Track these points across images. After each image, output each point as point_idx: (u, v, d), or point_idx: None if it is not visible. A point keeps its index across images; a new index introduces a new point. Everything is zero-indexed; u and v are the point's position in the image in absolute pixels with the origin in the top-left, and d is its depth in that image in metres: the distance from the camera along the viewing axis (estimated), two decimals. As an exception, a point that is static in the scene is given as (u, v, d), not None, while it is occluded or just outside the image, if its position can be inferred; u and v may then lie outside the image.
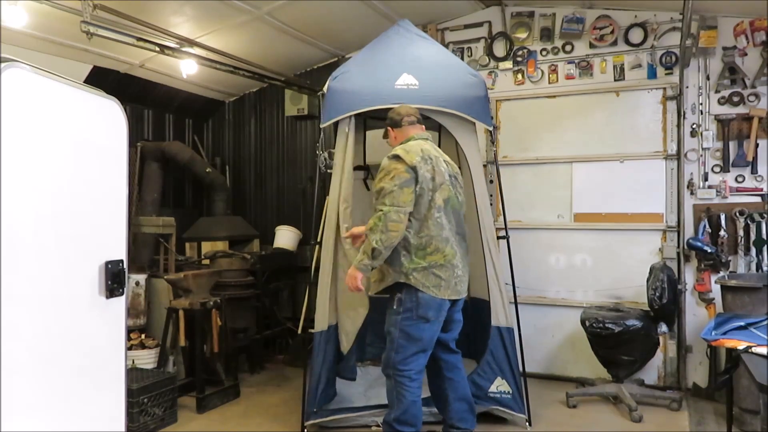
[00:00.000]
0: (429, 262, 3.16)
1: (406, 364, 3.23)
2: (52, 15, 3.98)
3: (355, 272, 3.12)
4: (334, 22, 5.06)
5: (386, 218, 3.02)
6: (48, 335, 2.01)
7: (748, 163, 4.46)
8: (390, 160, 3.18)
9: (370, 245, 3.04)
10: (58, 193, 2.06)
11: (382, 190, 3.10)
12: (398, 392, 3.25)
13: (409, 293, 3.17)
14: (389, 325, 3.27)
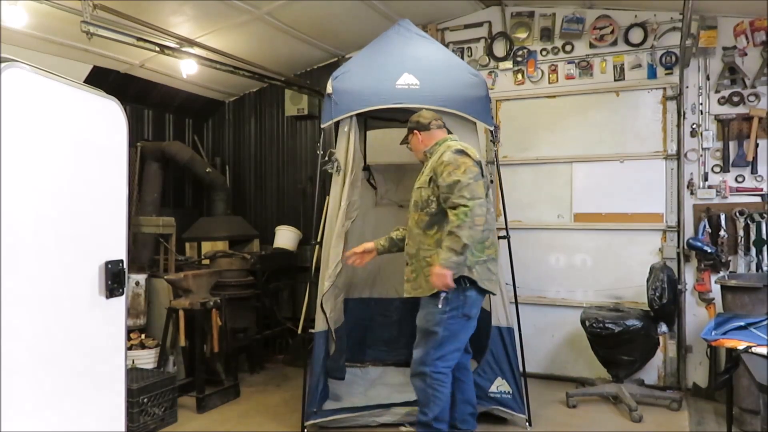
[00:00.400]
0: (487, 256, 3.22)
1: (445, 360, 3.21)
2: (52, 15, 3.98)
3: (445, 270, 2.99)
4: (334, 22, 5.06)
5: (472, 213, 2.97)
6: (48, 335, 2.01)
7: (748, 163, 4.46)
8: (455, 155, 3.13)
9: (460, 242, 2.96)
10: (58, 193, 2.06)
11: (458, 183, 3.02)
12: (434, 390, 3.20)
13: (456, 291, 3.12)
14: (431, 324, 3.17)
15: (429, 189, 3.19)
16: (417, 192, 3.29)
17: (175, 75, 5.29)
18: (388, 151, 5.03)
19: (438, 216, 3.16)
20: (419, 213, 3.24)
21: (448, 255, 2.99)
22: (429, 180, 3.20)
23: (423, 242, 3.21)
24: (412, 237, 3.30)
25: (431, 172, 3.20)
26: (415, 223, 3.26)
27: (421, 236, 3.22)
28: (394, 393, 4.18)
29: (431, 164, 3.24)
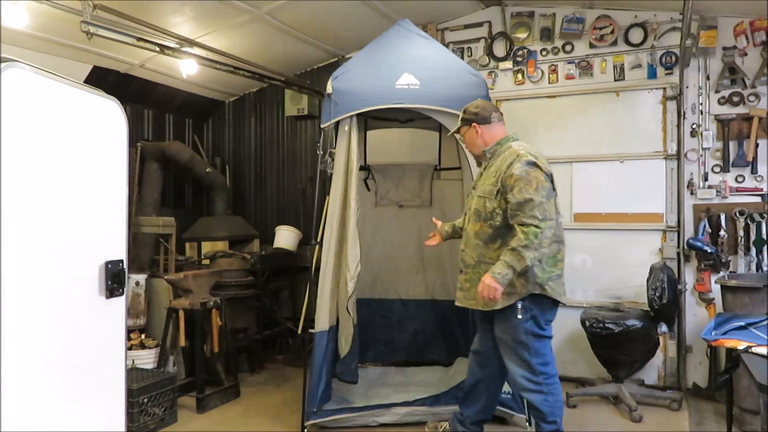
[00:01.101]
0: (560, 269, 3.11)
1: (548, 364, 3.09)
2: (52, 15, 3.98)
3: (497, 284, 2.82)
4: (334, 22, 5.06)
5: (542, 236, 2.82)
6: (48, 335, 2.01)
7: (748, 163, 4.46)
8: (527, 168, 2.90)
9: (523, 262, 2.81)
10: (58, 193, 2.06)
11: (530, 202, 2.83)
12: (554, 396, 3.09)
13: (533, 298, 2.99)
14: (518, 335, 3.00)
15: (495, 201, 2.95)
16: (479, 201, 3.03)
17: (175, 75, 5.29)
18: (388, 151, 5.03)
19: (502, 230, 2.95)
20: (481, 224, 3.01)
21: (505, 270, 2.82)
22: (496, 192, 2.96)
23: (484, 255, 3.00)
24: (469, 246, 3.09)
25: (498, 182, 2.95)
26: (476, 234, 3.03)
27: (483, 248, 3.02)
28: (394, 393, 4.18)
29: (496, 172, 2.98)
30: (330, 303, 3.88)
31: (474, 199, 3.09)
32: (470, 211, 3.11)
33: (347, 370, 3.89)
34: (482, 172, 3.14)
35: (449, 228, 3.47)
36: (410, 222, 5.05)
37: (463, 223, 3.29)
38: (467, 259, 3.11)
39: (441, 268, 4.96)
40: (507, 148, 3.05)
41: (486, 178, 3.06)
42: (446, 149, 4.85)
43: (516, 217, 2.87)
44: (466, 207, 3.21)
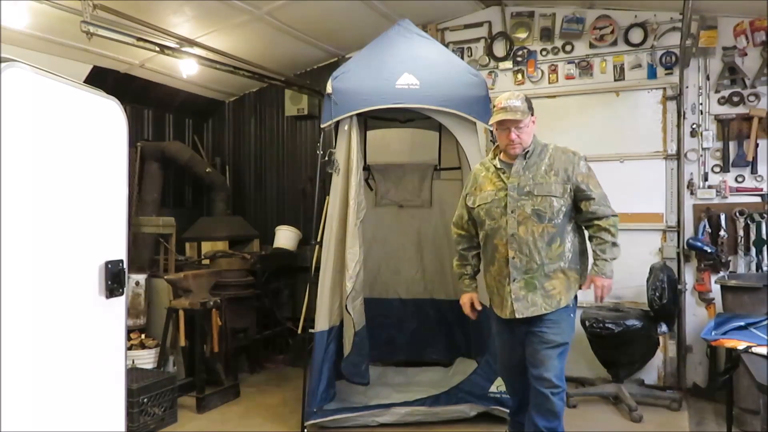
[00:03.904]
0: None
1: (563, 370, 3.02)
2: (52, 15, 3.98)
3: (609, 280, 2.86)
4: (334, 22, 5.05)
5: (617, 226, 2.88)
6: (48, 335, 2.01)
7: (748, 163, 4.46)
8: (583, 161, 2.92)
9: (618, 253, 2.87)
10: (58, 193, 2.06)
11: (606, 197, 2.89)
12: (562, 402, 3.05)
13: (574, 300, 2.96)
14: (566, 336, 2.92)
15: (563, 199, 2.83)
16: (543, 201, 2.81)
17: (175, 75, 5.29)
18: (388, 151, 5.03)
19: (560, 228, 2.84)
20: (545, 225, 2.81)
21: (610, 266, 2.85)
22: (568, 190, 2.85)
23: (546, 256, 2.81)
24: (529, 249, 2.81)
25: (568, 180, 2.84)
26: (538, 236, 2.80)
27: (545, 250, 2.81)
28: (394, 393, 4.18)
29: (552, 170, 2.85)
30: (330, 303, 3.88)
31: (534, 200, 2.81)
32: (526, 214, 2.80)
33: (357, 372, 3.87)
34: (521, 171, 2.87)
35: (471, 280, 3.17)
36: (410, 222, 5.05)
37: (471, 263, 3.14)
38: (528, 264, 2.81)
39: (441, 267, 4.96)
40: (543, 145, 2.95)
41: (538, 177, 2.84)
42: (446, 149, 4.85)
43: (599, 209, 2.85)
44: (494, 212, 2.88)
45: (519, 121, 2.83)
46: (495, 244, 2.88)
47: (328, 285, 3.87)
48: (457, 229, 3.15)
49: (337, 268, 3.93)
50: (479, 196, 2.96)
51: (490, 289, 3.00)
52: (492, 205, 2.89)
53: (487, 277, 3.02)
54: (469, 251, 3.12)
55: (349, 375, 3.86)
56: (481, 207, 2.94)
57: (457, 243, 3.15)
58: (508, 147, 2.89)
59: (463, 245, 3.13)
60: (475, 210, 2.97)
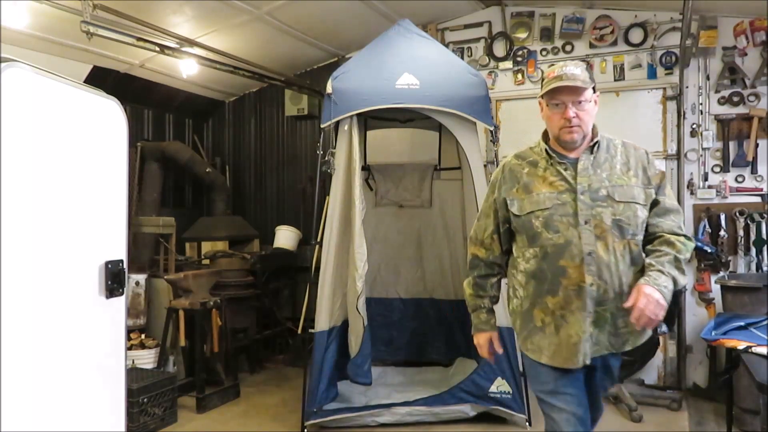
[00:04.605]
0: None
1: None
2: (52, 15, 3.98)
3: (664, 300, 2.05)
4: (334, 22, 5.05)
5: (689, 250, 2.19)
6: (48, 335, 2.01)
7: (748, 163, 4.46)
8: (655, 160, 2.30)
9: (684, 278, 2.18)
10: (58, 193, 2.06)
11: (678, 211, 2.26)
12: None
13: None
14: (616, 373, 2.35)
15: (646, 209, 2.16)
16: (627, 210, 2.11)
17: (175, 75, 5.28)
18: (388, 151, 5.03)
19: (641, 246, 2.17)
20: (627, 240, 2.11)
21: (670, 284, 2.08)
22: (646, 197, 2.17)
23: (626, 284, 2.11)
24: (604, 275, 2.08)
25: (645, 184, 2.18)
26: (620, 255, 2.10)
27: (626, 273, 2.12)
28: (394, 393, 4.18)
29: (627, 168, 2.20)
30: (330, 303, 3.89)
31: (600, 206, 2.10)
32: (597, 225, 2.08)
33: (360, 372, 3.86)
34: (591, 168, 2.17)
35: (489, 314, 2.39)
36: (410, 222, 5.05)
37: (489, 293, 2.37)
38: (605, 293, 2.09)
39: (441, 267, 4.96)
40: (608, 138, 2.35)
41: (614, 177, 2.16)
42: (446, 149, 4.85)
43: (671, 223, 2.19)
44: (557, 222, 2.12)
45: (580, 92, 2.14)
46: (561, 267, 2.09)
47: (328, 285, 3.87)
48: (476, 248, 2.34)
49: (338, 269, 3.93)
50: (529, 199, 2.17)
51: (537, 328, 2.19)
52: (554, 212, 2.11)
53: (534, 312, 2.19)
54: (489, 279, 2.34)
55: (354, 375, 3.86)
56: (536, 215, 2.14)
57: (473, 267, 2.35)
58: (562, 131, 2.16)
59: (480, 271, 2.34)
60: (523, 219, 2.16)
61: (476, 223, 2.38)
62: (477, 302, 2.37)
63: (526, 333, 2.24)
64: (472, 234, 2.38)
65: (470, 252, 2.38)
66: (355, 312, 3.78)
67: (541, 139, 2.28)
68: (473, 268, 2.36)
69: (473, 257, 2.36)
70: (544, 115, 2.22)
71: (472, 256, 2.36)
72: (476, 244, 2.35)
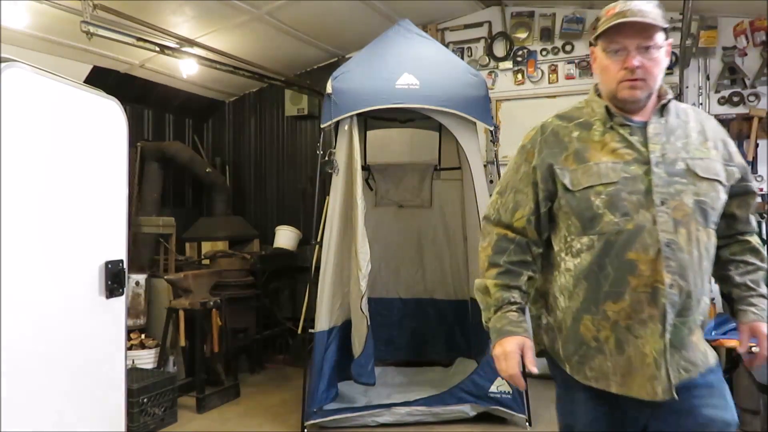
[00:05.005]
0: None
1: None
2: (52, 15, 3.98)
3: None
4: (334, 22, 5.05)
5: None
6: (48, 335, 2.01)
7: (749, 163, 4.46)
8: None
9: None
10: (58, 193, 2.06)
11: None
12: None
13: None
14: (733, 410, 1.66)
15: (726, 190, 1.66)
16: (710, 189, 1.60)
17: (175, 75, 5.29)
18: (388, 151, 5.03)
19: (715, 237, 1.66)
20: (706, 229, 1.61)
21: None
22: (728, 176, 1.67)
23: (705, 282, 1.63)
24: (687, 273, 1.56)
25: (726, 159, 1.68)
26: (705, 249, 1.60)
27: (708, 272, 1.64)
28: (394, 393, 4.18)
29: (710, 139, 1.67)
30: (330, 303, 3.89)
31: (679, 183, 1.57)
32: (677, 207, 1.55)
33: (364, 372, 3.85)
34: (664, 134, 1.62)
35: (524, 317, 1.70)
36: (410, 222, 5.05)
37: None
38: (687, 298, 1.57)
39: (441, 267, 4.96)
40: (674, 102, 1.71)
41: (691, 148, 1.62)
42: (446, 149, 4.85)
43: (751, 218, 1.79)
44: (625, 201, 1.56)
45: (649, 34, 1.57)
46: (629, 262, 1.54)
47: (329, 285, 3.87)
48: (503, 230, 1.73)
49: (338, 268, 3.94)
50: (584, 170, 1.61)
51: (592, 348, 1.62)
52: (621, 187, 1.56)
53: (584, 326, 1.62)
54: (523, 268, 1.69)
55: (357, 375, 3.86)
56: (596, 191, 1.58)
57: (500, 251, 1.70)
58: (622, 86, 1.59)
59: (512, 256, 1.69)
60: (578, 196, 1.60)
61: (496, 198, 1.77)
62: (504, 295, 1.66)
63: (578, 357, 1.64)
64: (491, 212, 1.77)
65: (496, 232, 1.73)
66: (359, 312, 3.78)
67: (593, 94, 1.73)
68: (500, 252, 1.69)
69: (500, 237, 1.71)
70: (597, 66, 1.68)
71: (498, 236, 1.71)
72: (500, 225, 1.73)
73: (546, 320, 1.75)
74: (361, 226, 3.76)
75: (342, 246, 3.93)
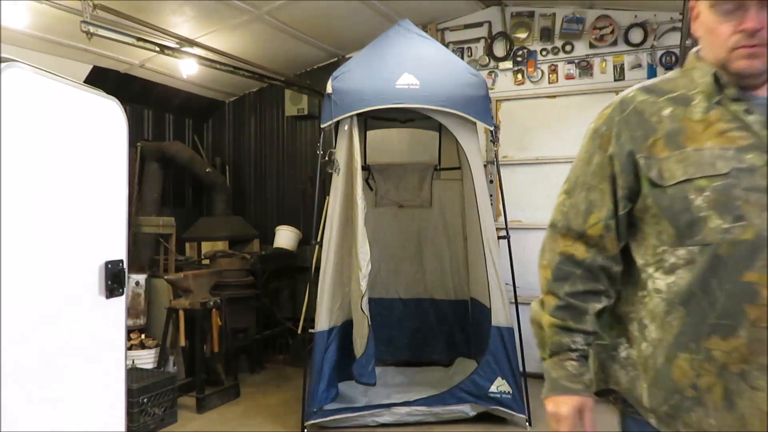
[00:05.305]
0: None
1: None
2: (52, 15, 3.98)
3: None
4: (334, 22, 5.05)
5: None
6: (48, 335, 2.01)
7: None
8: None
9: None
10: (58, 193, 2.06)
11: None
12: None
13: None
14: None
15: None
16: None
17: (175, 75, 5.29)
18: (388, 151, 5.04)
19: None
20: None
21: None
22: None
23: None
24: None
25: None
26: None
27: None
28: (394, 393, 4.18)
29: None
30: (330, 303, 3.89)
31: None
32: None
33: (365, 372, 3.85)
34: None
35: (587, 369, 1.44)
36: (410, 222, 5.05)
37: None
38: None
39: (440, 267, 4.96)
40: None
41: None
42: (446, 149, 4.86)
43: None
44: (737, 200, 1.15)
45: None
46: (747, 284, 1.14)
47: (328, 285, 3.87)
48: (569, 243, 1.35)
49: (338, 268, 3.94)
50: (680, 158, 1.21)
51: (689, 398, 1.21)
52: (732, 183, 1.16)
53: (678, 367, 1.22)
54: (591, 300, 1.34)
55: (359, 375, 3.86)
56: (697, 186, 1.19)
57: (562, 277, 1.35)
58: (736, 54, 1.19)
59: (577, 284, 1.33)
60: (671, 193, 1.21)
61: (563, 199, 1.37)
62: (563, 340, 1.33)
63: (668, 407, 1.24)
64: (557, 218, 1.37)
65: (555, 249, 1.36)
66: (360, 312, 3.78)
67: (695, 60, 1.30)
68: (561, 279, 1.33)
69: (563, 258, 1.34)
70: (700, 28, 1.27)
71: (562, 256, 1.34)
72: (568, 236, 1.34)
73: (626, 353, 1.35)
74: (361, 226, 3.76)
75: (342, 246, 3.94)
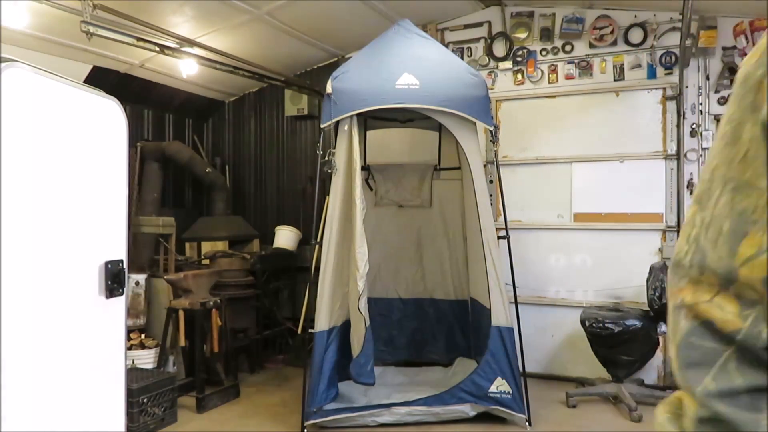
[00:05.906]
0: None
1: None
2: (52, 15, 3.98)
3: None
4: (334, 22, 5.06)
5: None
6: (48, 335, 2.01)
7: (748, 163, 4.46)
8: None
9: None
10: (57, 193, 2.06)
11: None
12: None
13: None
14: None
15: None
16: None
17: (175, 75, 5.29)
18: (388, 151, 5.04)
19: None
20: None
21: None
22: None
23: None
24: None
25: None
26: None
27: None
28: (394, 393, 4.18)
29: None
30: (330, 303, 3.89)
31: None
32: None
33: (363, 372, 3.85)
34: None
35: None
36: (410, 222, 5.05)
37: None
38: None
39: (441, 267, 4.96)
40: None
41: None
42: (446, 149, 4.86)
43: None
44: None
45: None
46: None
47: (328, 285, 3.87)
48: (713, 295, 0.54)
49: (337, 268, 3.94)
50: None
51: None
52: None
53: None
54: (751, 410, 0.50)
55: (357, 375, 3.86)
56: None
57: (695, 363, 0.54)
58: None
59: (723, 377, 0.52)
60: None
61: (693, 213, 0.59)
62: None
63: None
64: (682, 250, 0.60)
65: (683, 304, 0.58)
66: (357, 312, 3.77)
67: None
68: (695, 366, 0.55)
69: (694, 328, 0.56)
70: None
71: (694, 322, 0.56)
72: (704, 283, 0.56)
73: None
74: (360, 226, 3.76)
75: (342, 246, 3.94)
